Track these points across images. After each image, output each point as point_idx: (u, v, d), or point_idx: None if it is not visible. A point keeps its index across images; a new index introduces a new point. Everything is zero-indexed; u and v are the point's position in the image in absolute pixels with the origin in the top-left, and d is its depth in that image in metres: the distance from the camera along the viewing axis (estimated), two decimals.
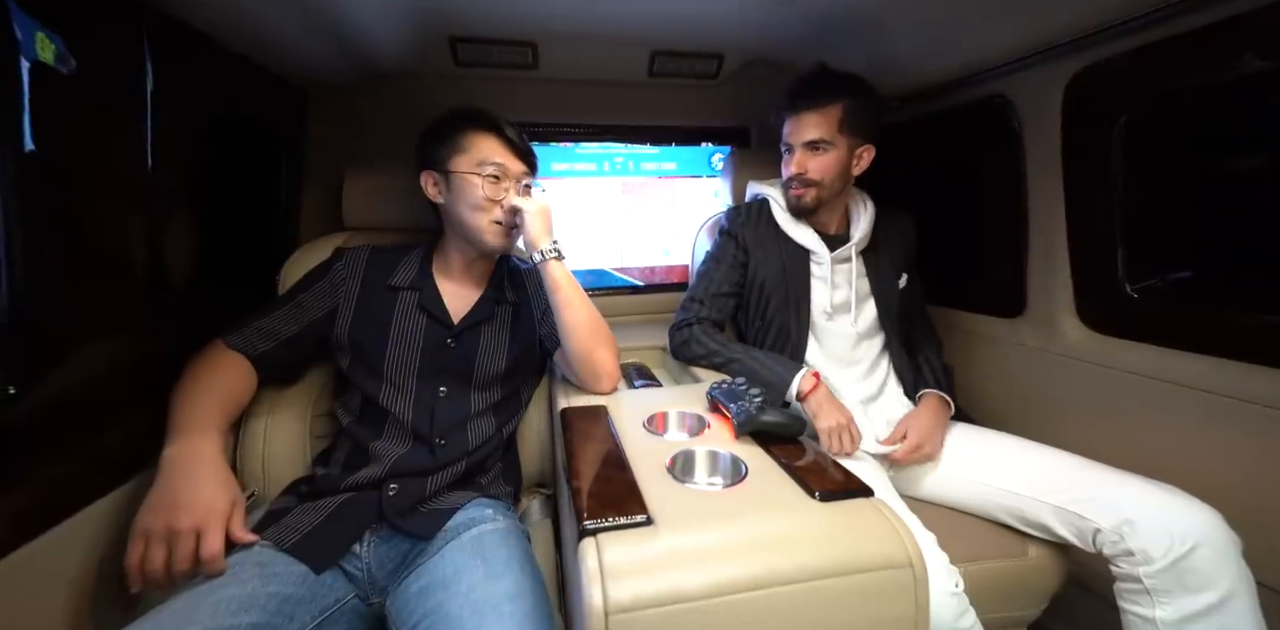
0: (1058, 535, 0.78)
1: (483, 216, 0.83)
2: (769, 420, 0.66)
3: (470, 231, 0.84)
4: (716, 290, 1.04)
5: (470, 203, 0.82)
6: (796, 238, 1.02)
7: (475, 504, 0.76)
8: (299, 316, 0.82)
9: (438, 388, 0.83)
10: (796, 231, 1.02)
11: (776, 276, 1.02)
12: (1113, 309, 0.96)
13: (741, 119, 1.48)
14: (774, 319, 1.03)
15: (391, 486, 0.74)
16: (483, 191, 0.81)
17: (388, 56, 1.14)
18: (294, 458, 0.88)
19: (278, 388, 0.91)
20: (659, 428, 0.74)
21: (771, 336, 1.03)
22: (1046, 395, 1.08)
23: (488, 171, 0.81)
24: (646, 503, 0.52)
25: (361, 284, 0.85)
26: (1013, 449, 0.89)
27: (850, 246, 1.00)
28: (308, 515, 0.71)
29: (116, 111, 0.68)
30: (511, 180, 0.84)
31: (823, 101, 0.93)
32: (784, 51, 1.27)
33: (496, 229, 0.84)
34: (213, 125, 0.88)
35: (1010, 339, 1.15)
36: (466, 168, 0.82)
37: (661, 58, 1.26)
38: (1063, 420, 1.05)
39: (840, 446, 0.83)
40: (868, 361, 1.02)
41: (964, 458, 0.91)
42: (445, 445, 0.79)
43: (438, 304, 0.85)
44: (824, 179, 0.96)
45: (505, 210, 0.83)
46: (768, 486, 0.57)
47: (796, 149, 0.96)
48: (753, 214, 1.07)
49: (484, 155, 0.82)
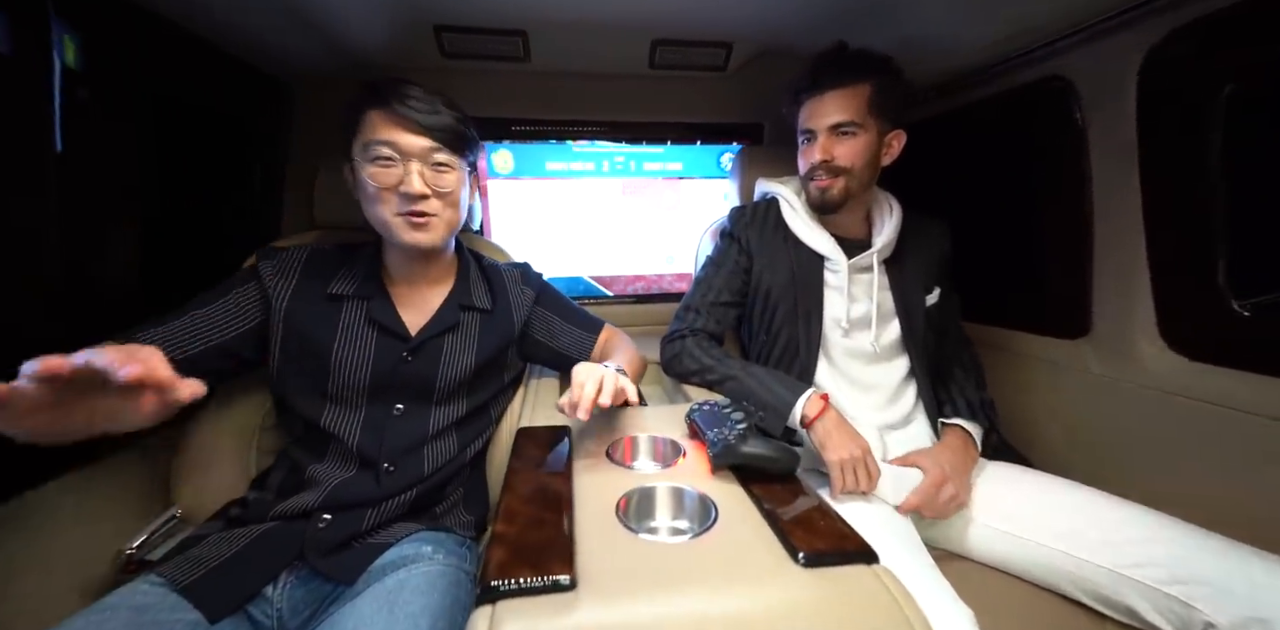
0: (1147, 622, 0.61)
1: (382, 209, 0.68)
2: (750, 452, 0.53)
3: (379, 228, 0.71)
4: (715, 298, 0.92)
5: (366, 193, 0.69)
6: (809, 241, 0.88)
7: (413, 539, 0.65)
8: (229, 316, 0.70)
9: (392, 406, 0.72)
10: (810, 234, 0.89)
11: (784, 284, 0.89)
12: (1213, 330, 0.78)
13: (754, 114, 1.37)
14: (780, 332, 0.89)
15: (324, 518, 0.64)
16: (372, 180, 0.67)
17: (371, 48, 1.08)
18: (236, 475, 0.79)
19: (225, 394, 0.83)
20: (625, 456, 0.62)
21: (777, 353, 0.90)
22: (1121, 435, 0.89)
23: (374, 154, 0.66)
24: (577, 558, 0.41)
25: (293, 293, 0.72)
26: (1084, 503, 0.72)
27: (872, 253, 0.86)
28: (217, 546, 0.61)
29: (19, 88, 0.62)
30: (415, 160, 0.68)
31: (849, 79, 0.81)
32: (800, 39, 1.16)
33: (402, 222, 0.69)
34: (160, 112, 0.83)
35: (1072, 364, 0.97)
36: (357, 153, 0.68)
37: (664, 48, 1.17)
38: (1144, 468, 0.86)
39: (854, 484, 0.69)
40: (890, 387, 0.87)
41: (1018, 509, 0.74)
42: (394, 472, 0.69)
43: (390, 315, 0.73)
44: (854, 166, 0.82)
45: (407, 197, 0.68)
46: (739, 540, 0.45)
47: (820, 134, 0.83)
48: (759, 214, 0.95)
49: (369, 134, 0.67)
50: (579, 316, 0.89)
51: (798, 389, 0.76)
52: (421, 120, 0.68)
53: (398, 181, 0.67)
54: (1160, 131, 0.81)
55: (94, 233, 0.74)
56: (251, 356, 0.73)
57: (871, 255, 0.86)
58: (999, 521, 0.75)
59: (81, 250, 0.71)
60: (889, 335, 0.88)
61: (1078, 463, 0.95)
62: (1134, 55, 0.81)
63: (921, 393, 0.88)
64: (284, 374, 0.72)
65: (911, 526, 0.73)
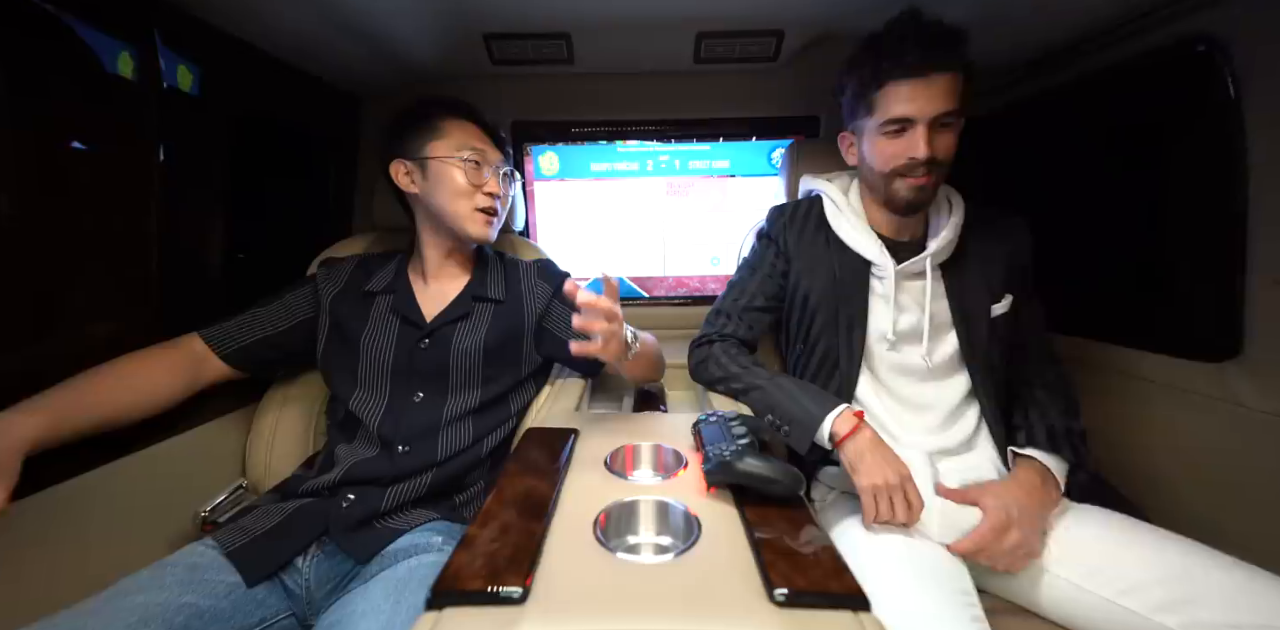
0: None
1: (465, 203, 0.81)
2: (746, 471, 0.50)
3: (451, 219, 0.81)
4: (748, 303, 0.86)
5: (452, 189, 0.80)
6: (854, 244, 0.80)
7: (426, 529, 0.69)
8: (282, 315, 0.82)
9: (414, 392, 0.78)
10: (855, 236, 0.80)
11: (824, 290, 0.81)
12: None
13: (808, 107, 1.29)
14: (818, 343, 0.82)
15: (349, 496, 0.70)
16: (464, 176, 0.80)
17: (428, 60, 1.15)
18: (298, 455, 0.89)
19: (289, 382, 0.93)
20: (626, 465, 0.61)
21: (814, 365, 0.83)
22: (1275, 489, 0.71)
23: (468, 157, 0.80)
24: (539, 570, 0.40)
25: (341, 291, 0.84)
26: (1200, 567, 0.58)
27: (924, 258, 0.76)
28: (264, 519, 0.68)
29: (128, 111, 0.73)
30: (490, 167, 0.82)
31: (955, 59, 0.69)
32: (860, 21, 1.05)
33: (479, 217, 0.82)
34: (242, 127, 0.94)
35: (1213, 393, 0.78)
36: (445, 152, 0.80)
37: (709, 40, 1.13)
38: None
39: (889, 514, 0.62)
40: (946, 407, 0.77)
41: (1108, 563, 0.62)
42: (409, 452, 0.73)
43: (411, 305, 0.82)
44: (948, 162, 0.73)
45: (488, 196, 0.82)
46: (715, 566, 0.42)
47: (920, 125, 0.70)
48: (799, 213, 0.88)
49: (463, 140, 0.81)
50: None
51: (828, 403, 0.69)
52: (498, 136, 0.86)
53: (483, 181, 0.81)
54: None
55: (189, 234, 0.86)
56: (299, 348, 0.83)
57: (924, 259, 0.77)
58: (1080, 576, 0.63)
59: (178, 249, 0.82)
60: (944, 349, 0.78)
61: (1205, 519, 0.76)
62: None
63: (985, 415, 0.77)
64: (327, 360, 0.81)
65: (963, 570, 0.64)
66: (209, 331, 0.78)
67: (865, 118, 0.75)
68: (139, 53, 0.72)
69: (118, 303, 0.75)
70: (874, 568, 0.58)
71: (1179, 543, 0.62)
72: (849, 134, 0.82)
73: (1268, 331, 0.72)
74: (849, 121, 0.81)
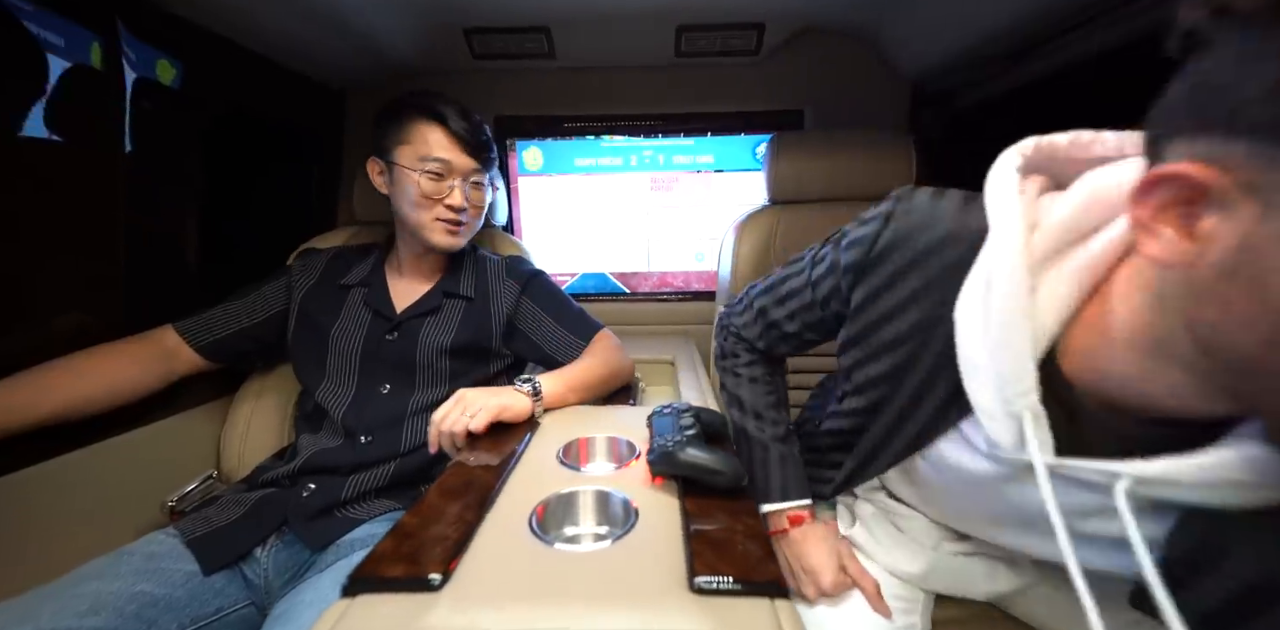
0: None
1: (424, 213, 0.78)
2: (687, 461, 0.49)
3: (413, 228, 0.80)
4: (786, 329, 0.60)
5: (410, 199, 0.77)
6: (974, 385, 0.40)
7: (385, 519, 0.69)
8: (258, 306, 0.83)
9: (380, 384, 0.78)
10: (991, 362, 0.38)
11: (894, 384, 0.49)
12: None
13: (793, 100, 1.28)
14: (863, 421, 0.55)
15: (309, 485, 0.70)
16: (420, 188, 0.76)
17: (409, 55, 1.15)
18: (272, 446, 0.89)
19: (266, 374, 0.94)
20: (579, 457, 0.60)
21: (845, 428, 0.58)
22: None
23: (428, 168, 0.76)
24: (464, 558, 0.40)
25: (316, 283, 0.84)
26: None
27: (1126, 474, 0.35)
28: (228, 508, 0.69)
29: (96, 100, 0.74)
30: (458, 177, 0.78)
31: None
32: (842, 14, 1.06)
33: (439, 227, 0.79)
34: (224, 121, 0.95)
35: None
36: (408, 161, 0.77)
37: (690, 34, 1.12)
38: None
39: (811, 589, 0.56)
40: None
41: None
42: (371, 442, 0.74)
43: (383, 299, 0.82)
44: None
45: (450, 207, 0.78)
46: (645, 556, 0.41)
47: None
48: (914, 245, 0.45)
49: (425, 149, 0.76)
50: (573, 319, 0.88)
51: (788, 492, 0.60)
52: (471, 142, 0.77)
53: (444, 194, 0.77)
54: None
55: (159, 227, 0.87)
56: (272, 340, 0.84)
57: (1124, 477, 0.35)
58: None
59: (146, 242, 0.83)
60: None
61: None
62: None
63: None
64: (295, 350, 0.82)
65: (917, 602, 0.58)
66: (183, 323, 0.79)
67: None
68: (105, 43, 0.73)
69: (79, 295, 0.75)
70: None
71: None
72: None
73: None
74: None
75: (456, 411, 0.62)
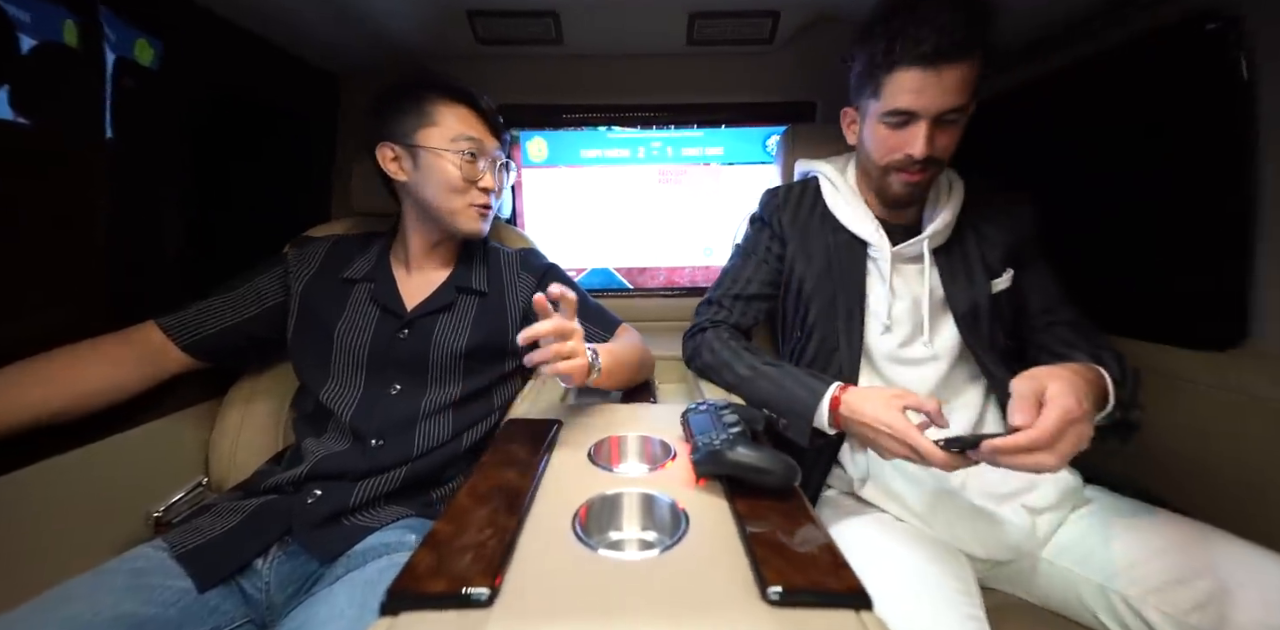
0: None
1: (458, 198, 0.75)
2: (737, 461, 0.46)
3: (442, 214, 0.76)
4: (742, 290, 0.83)
5: (445, 183, 0.74)
6: (850, 223, 0.76)
7: (399, 526, 0.64)
8: (250, 300, 0.77)
9: (390, 384, 0.73)
10: (851, 215, 0.77)
11: (820, 275, 0.78)
12: None
13: (805, 92, 1.26)
14: (815, 330, 0.78)
15: (315, 491, 0.65)
16: (460, 171, 0.73)
17: (409, 37, 1.10)
18: (266, 450, 0.83)
19: (260, 373, 0.88)
20: (611, 457, 0.57)
21: (810, 354, 0.79)
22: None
23: (465, 148, 0.73)
24: (510, 569, 0.36)
25: (315, 275, 0.78)
26: (1235, 561, 0.55)
27: (920, 240, 0.73)
28: (222, 518, 0.63)
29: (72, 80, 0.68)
30: (486, 159, 0.76)
31: (973, 48, 0.62)
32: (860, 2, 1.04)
33: (473, 213, 0.77)
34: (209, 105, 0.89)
35: (1217, 381, 0.76)
36: (439, 143, 0.73)
37: (702, 21, 1.09)
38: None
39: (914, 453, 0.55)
40: (949, 393, 0.74)
41: (1133, 558, 0.59)
42: (383, 446, 0.69)
43: (392, 295, 0.77)
44: (947, 158, 0.69)
45: (483, 191, 0.76)
46: (703, 563, 0.38)
47: (925, 119, 0.64)
48: (793, 196, 0.84)
49: (459, 130, 0.74)
50: (593, 312, 0.85)
51: (819, 387, 0.65)
52: (495, 122, 0.78)
53: (479, 176, 0.75)
54: None
55: (142, 215, 0.80)
56: (269, 335, 0.78)
57: (921, 242, 0.73)
58: (1099, 573, 0.60)
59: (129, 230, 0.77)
60: (946, 334, 0.74)
61: (1220, 509, 0.73)
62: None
63: (994, 397, 0.73)
64: (296, 347, 0.76)
65: (966, 568, 0.61)
66: (166, 320, 0.73)
67: (870, 99, 0.69)
68: (82, 22, 0.67)
69: (59, 290, 0.69)
70: (873, 567, 0.55)
71: (1210, 534, 0.58)
72: (852, 110, 0.76)
73: (1271, 318, 0.70)
74: (854, 97, 0.74)
75: (556, 345, 0.56)
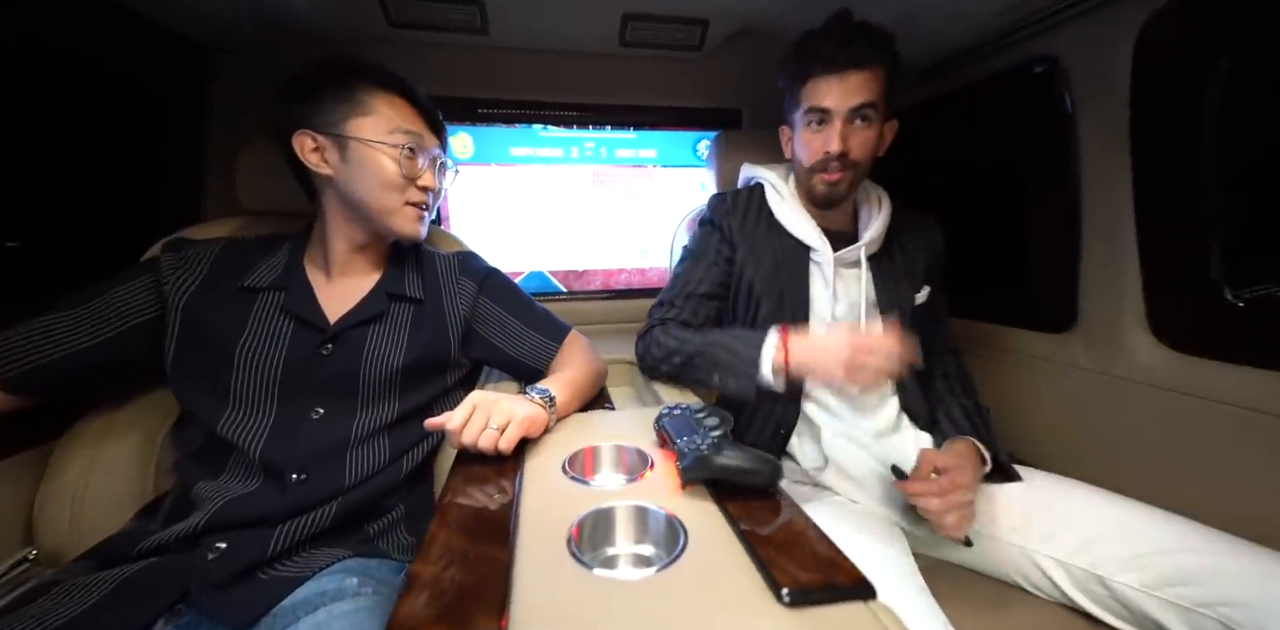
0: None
1: (394, 196, 0.67)
2: (726, 464, 0.46)
3: (374, 213, 0.67)
4: (693, 290, 0.84)
5: (380, 178, 0.65)
6: (794, 229, 0.82)
7: (335, 571, 0.55)
8: (105, 318, 0.61)
9: (310, 409, 0.63)
10: (796, 223, 0.82)
11: (768, 277, 0.82)
12: (1204, 322, 0.75)
13: (731, 99, 1.31)
14: (764, 328, 0.83)
15: (217, 545, 0.54)
16: (398, 166, 0.65)
17: (303, 11, 0.97)
18: (126, 504, 0.66)
19: (114, 409, 0.70)
20: (586, 469, 0.55)
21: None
22: (1111, 431, 0.86)
23: (405, 143, 0.65)
24: (512, 604, 0.33)
25: (203, 285, 0.65)
26: (1100, 509, 0.66)
27: (859, 247, 0.79)
28: (72, 597, 0.49)
29: None
30: (425, 156, 0.68)
31: (872, 57, 0.72)
32: (783, 18, 1.10)
33: (410, 212, 0.69)
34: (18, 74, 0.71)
35: (1057, 358, 0.94)
36: (373, 135, 0.64)
37: (635, 23, 1.09)
38: (1136, 464, 0.83)
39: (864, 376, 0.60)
40: (880, 401, 0.81)
41: (1028, 517, 0.69)
42: (305, 481, 0.59)
43: (308, 305, 0.66)
44: (863, 160, 0.76)
45: (421, 189, 0.69)
46: (711, 572, 0.37)
47: (837, 118, 0.73)
48: (740, 201, 0.87)
49: (396, 122, 0.66)
50: (540, 319, 0.80)
51: (757, 341, 0.69)
52: (434, 118, 0.71)
53: (418, 174, 0.68)
54: (1154, 112, 0.77)
55: None
56: (136, 358, 0.63)
57: (859, 248, 0.80)
58: (1005, 531, 0.69)
59: None
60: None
61: (1067, 459, 0.91)
62: (1127, 32, 0.76)
63: (907, 400, 0.82)
64: (181, 372, 0.63)
65: (905, 543, 0.67)
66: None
67: (795, 110, 0.78)
68: None
69: None
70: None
71: (1079, 488, 0.70)
72: (787, 127, 0.84)
73: (1091, 308, 0.88)
74: (787, 114, 0.83)
75: (480, 420, 0.53)
